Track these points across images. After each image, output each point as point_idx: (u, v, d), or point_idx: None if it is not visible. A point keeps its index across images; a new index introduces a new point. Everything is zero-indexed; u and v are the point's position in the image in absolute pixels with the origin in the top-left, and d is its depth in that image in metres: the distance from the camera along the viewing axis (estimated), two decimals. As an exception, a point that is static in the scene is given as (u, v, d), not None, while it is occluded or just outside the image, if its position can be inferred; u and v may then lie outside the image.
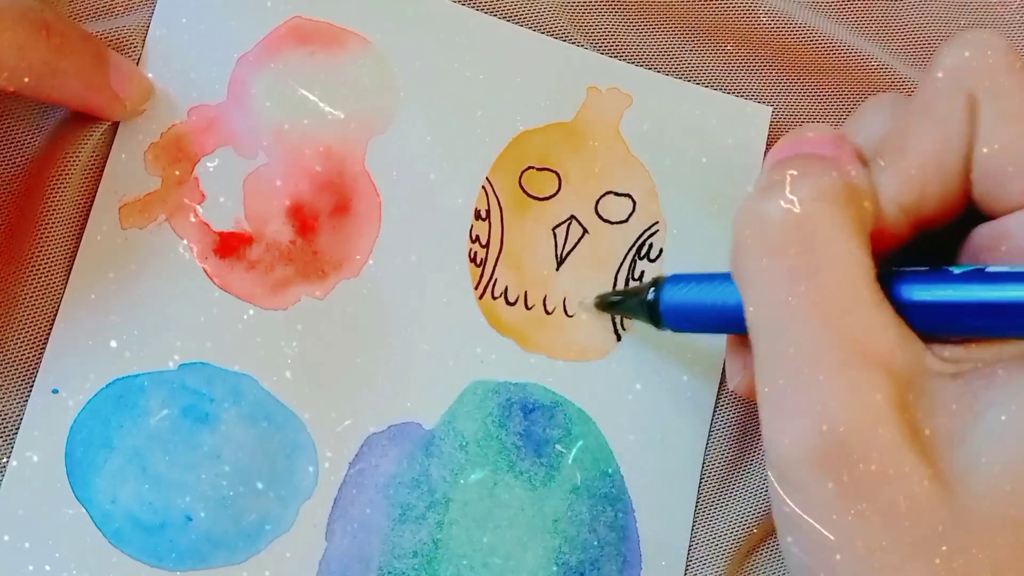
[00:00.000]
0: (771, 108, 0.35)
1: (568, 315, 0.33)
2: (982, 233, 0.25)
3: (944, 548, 0.22)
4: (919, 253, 0.25)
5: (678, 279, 0.29)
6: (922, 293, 0.24)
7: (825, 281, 0.23)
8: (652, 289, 0.30)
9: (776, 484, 0.23)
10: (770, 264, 0.23)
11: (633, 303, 0.31)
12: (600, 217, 0.33)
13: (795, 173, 0.24)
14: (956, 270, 0.24)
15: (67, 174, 0.30)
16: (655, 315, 0.30)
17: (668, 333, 0.30)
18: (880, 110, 0.27)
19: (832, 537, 0.22)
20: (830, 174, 0.24)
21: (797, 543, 0.23)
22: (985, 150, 0.24)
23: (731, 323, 0.27)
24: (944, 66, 0.24)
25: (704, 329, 0.30)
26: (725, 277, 0.27)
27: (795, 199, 0.23)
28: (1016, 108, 0.24)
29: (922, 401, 0.23)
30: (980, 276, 0.23)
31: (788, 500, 0.23)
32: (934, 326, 0.24)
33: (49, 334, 0.30)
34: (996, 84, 0.24)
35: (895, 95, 0.27)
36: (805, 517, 0.23)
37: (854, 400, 0.22)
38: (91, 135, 0.31)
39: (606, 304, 0.32)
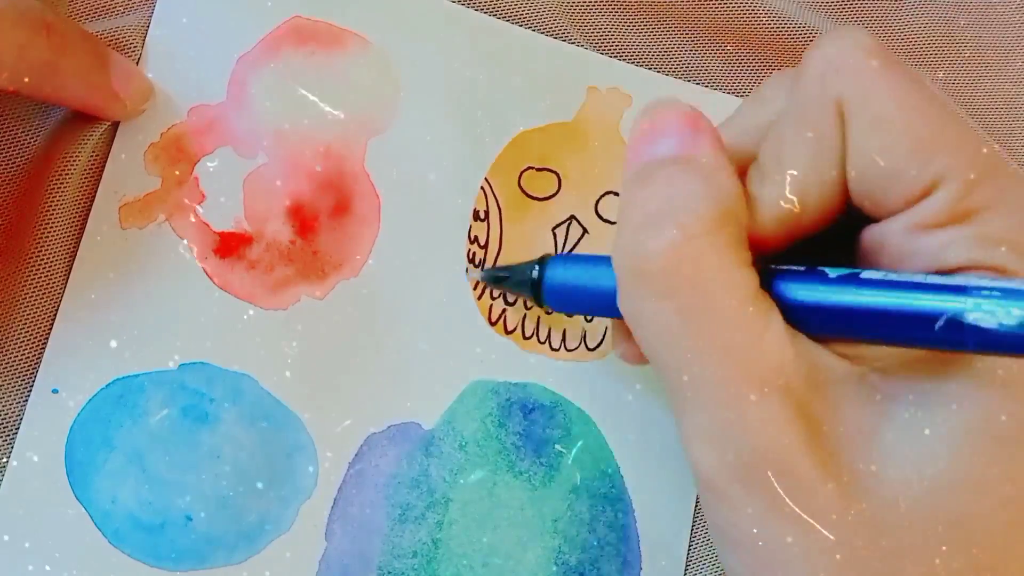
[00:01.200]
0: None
1: (568, 315, 0.33)
2: (867, 236, 0.24)
3: (860, 554, 0.22)
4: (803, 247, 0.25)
5: (563, 259, 0.29)
6: (801, 293, 0.23)
7: (715, 315, 0.23)
8: (536, 267, 0.29)
9: (702, 492, 0.24)
10: (658, 307, 0.23)
11: (518, 280, 0.30)
12: (600, 217, 0.33)
13: (666, 201, 0.23)
14: (832, 273, 0.23)
15: (67, 174, 0.30)
16: (537, 293, 0.30)
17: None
18: (778, 90, 0.26)
19: (761, 545, 0.23)
20: (701, 202, 0.23)
21: (730, 551, 0.24)
22: (858, 160, 0.23)
23: (611, 310, 0.27)
24: (810, 69, 0.24)
25: (584, 312, 0.30)
26: (608, 261, 0.27)
27: (672, 240, 0.23)
28: (885, 112, 0.23)
29: (825, 403, 0.23)
30: (854, 281, 0.23)
31: (715, 507, 0.24)
32: (818, 327, 0.23)
33: (49, 334, 0.30)
34: (863, 88, 0.23)
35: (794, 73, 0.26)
36: (735, 526, 0.23)
37: (756, 420, 0.22)
38: (91, 135, 0.31)
39: (492, 279, 0.32)
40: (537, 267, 0.30)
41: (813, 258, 0.24)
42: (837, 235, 0.25)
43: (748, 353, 0.23)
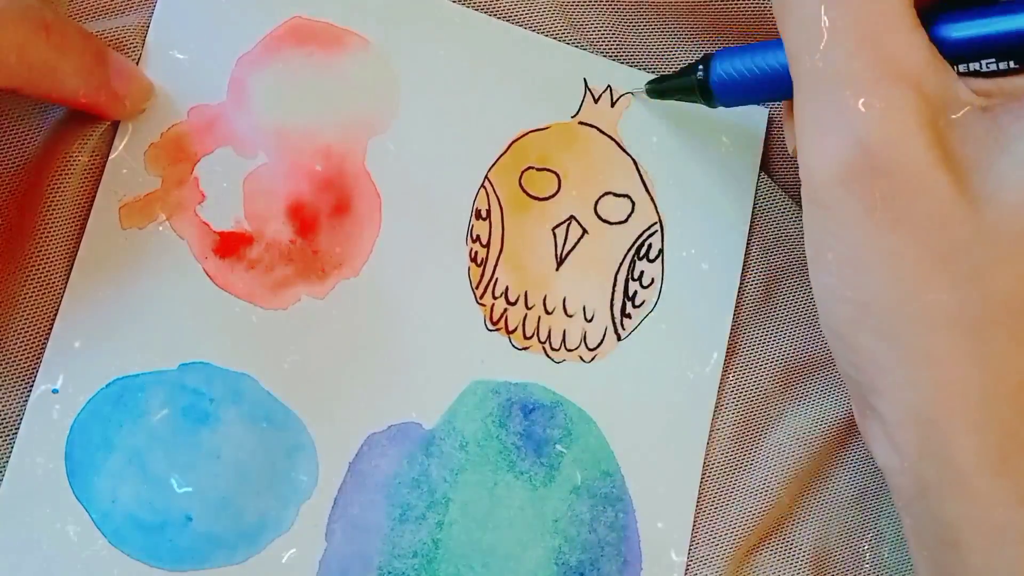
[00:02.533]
0: (768, 108, 0.35)
1: (568, 315, 0.33)
2: None
3: (968, 260, 0.23)
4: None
5: (724, 53, 0.30)
6: (957, 30, 0.24)
7: (867, 4, 0.23)
8: (700, 67, 0.30)
9: (809, 207, 0.24)
10: None
11: (684, 82, 0.31)
12: (599, 217, 0.34)
13: None
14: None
15: (67, 174, 0.30)
16: (707, 92, 0.30)
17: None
18: None
19: (863, 252, 0.23)
20: None
21: (827, 267, 0.24)
22: None
23: (782, 86, 0.28)
24: None
25: (756, 98, 0.30)
26: (769, 44, 0.28)
27: None
28: None
29: (951, 128, 0.23)
30: (1011, 6, 0.24)
31: (820, 220, 0.24)
32: (965, 53, 0.24)
33: (49, 334, 0.30)
34: None
35: None
36: (836, 234, 0.24)
37: (886, 116, 0.23)
38: (91, 135, 0.31)
39: (657, 90, 0.33)
40: (701, 68, 0.30)
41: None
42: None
43: (890, 49, 0.23)
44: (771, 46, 0.29)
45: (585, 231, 0.33)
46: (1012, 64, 0.24)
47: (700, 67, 0.30)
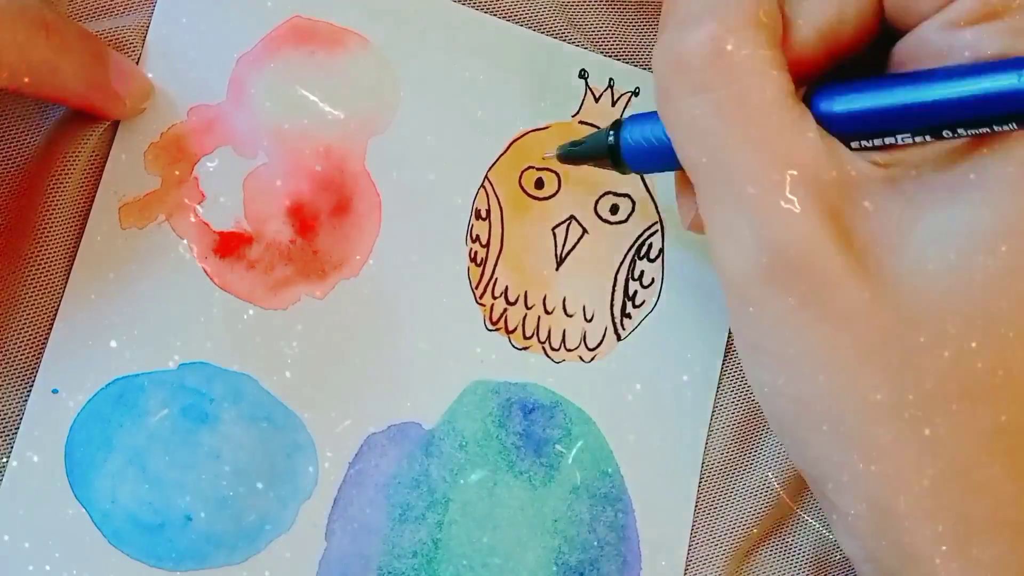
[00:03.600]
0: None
1: (568, 315, 0.33)
2: (900, 48, 0.25)
3: (897, 348, 0.23)
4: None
5: (635, 119, 0.29)
6: (837, 98, 0.24)
7: (749, 108, 0.23)
8: (611, 132, 0.29)
9: (731, 302, 0.24)
10: (697, 101, 0.24)
11: (593, 148, 0.30)
12: (599, 217, 0.34)
13: (703, 5, 0.24)
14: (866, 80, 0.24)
15: (67, 174, 0.30)
16: (617, 159, 0.29)
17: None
18: None
19: (792, 349, 0.23)
20: (740, 2, 0.24)
21: (758, 362, 0.24)
22: None
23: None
24: None
25: (664, 166, 0.29)
26: None
27: (712, 33, 0.24)
28: None
29: (856, 208, 0.23)
30: (891, 78, 0.24)
31: (744, 316, 0.24)
32: (853, 125, 0.24)
33: (49, 334, 0.30)
34: None
35: None
36: (762, 331, 0.24)
37: (788, 214, 0.23)
38: (91, 135, 0.31)
39: (566, 154, 0.31)
40: (612, 133, 0.29)
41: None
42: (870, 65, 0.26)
43: (781, 147, 0.23)
44: None
45: (585, 231, 0.33)
46: (909, 138, 0.24)
47: (610, 133, 0.29)
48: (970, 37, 0.23)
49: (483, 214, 0.33)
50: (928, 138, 0.23)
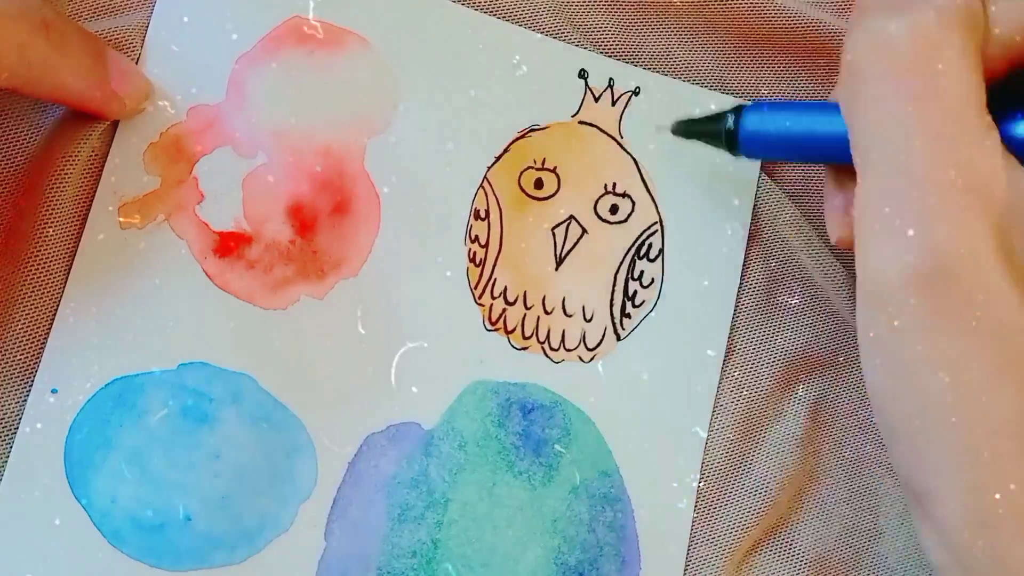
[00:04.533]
0: (770, 108, 0.35)
1: (568, 315, 0.33)
2: None
3: None
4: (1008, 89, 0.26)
5: (757, 108, 0.30)
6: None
7: (946, 106, 0.23)
8: (731, 116, 0.30)
9: (868, 305, 0.24)
10: (893, 87, 0.23)
11: (711, 128, 0.31)
12: (599, 217, 0.33)
13: None
14: None
15: (67, 174, 0.30)
16: (733, 143, 0.30)
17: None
18: None
19: (925, 356, 0.23)
20: None
21: (884, 366, 0.24)
22: None
23: (813, 151, 0.28)
24: None
25: (783, 157, 0.30)
26: (806, 107, 0.29)
27: (925, 21, 0.23)
28: None
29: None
30: None
31: (880, 320, 0.24)
32: None
33: (48, 334, 0.30)
34: None
35: None
36: (898, 337, 0.23)
37: (960, 225, 0.23)
38: (90, 135, 0.31)
39: (683, 131, 0.32)
40: (732, 117, 0.30)
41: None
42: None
43: (966, 154, 0.23)
44: (808, 109, 0.29)
45: (585, 231, 0.33)
46: None
47: (731, 116, 0.30)
48: None
49: (482, 214, 0.33)
50: None
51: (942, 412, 0.23)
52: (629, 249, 0.34)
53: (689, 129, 0.32)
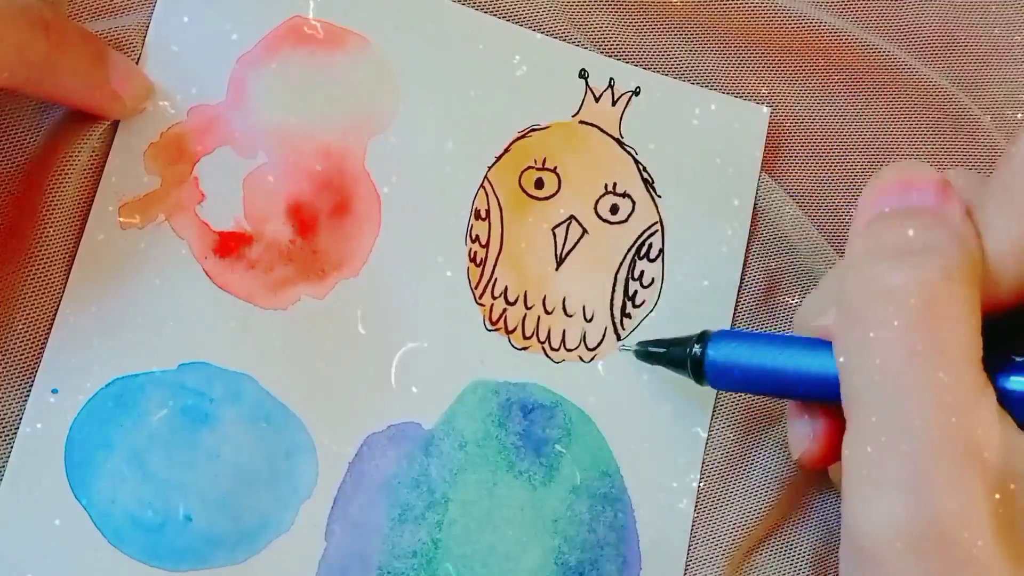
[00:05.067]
0: (769, 109, 0.35)
1: (568, 315, 0.33)
2: None
3: None
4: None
5: (726, 336, 0.29)
6: (1017, 381, 0.24)
7: (949, 363, 0.22)
8: (697, 345, 0.29)
9: (853, 556, 0.23)
10: (891, 338, 0.23)
11: (675, 354, 0.30)
12: (599, 217, 0.33)
13: (919, 243, 0.24)
14: None
15: (67, 174, 0.30)
16: (698, 371, 0.29)
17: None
18: (969, 174, 0.27)
19: None
20: (959, 249, 0.23)
21: None
22: None
23: (785, 387, 0.27)
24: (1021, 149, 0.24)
25: (751, 390, 0.29)
26: (777, 339, 0.28)
27: (931, 277, 0.23)
28: None
29: (1018, 496, 0.23)
30: None
31: (865, 573, 0.23)
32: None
33: (49, 334, 0.30)
34: None
35: (968, 173, 0.27)
36: None
37: (955, 490, 0.22)
38: (91, 135, 0.31)
39: (645, 353, 0.32)
40: (698, 345, 0.29)
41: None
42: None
43: (963, 413, 0.22)
44: (779, 343, 0.28)
45: (585, 231, 0.33)
46: None
47: (696, 345, 0.29)
48: None
49: (483, 214, 0.33)
50: None
51: None
52: (629, 249, 0.34)
53: (651, 353, 0.31)
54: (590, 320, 0.33)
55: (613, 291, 0.33)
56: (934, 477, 0.22)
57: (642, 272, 0.34)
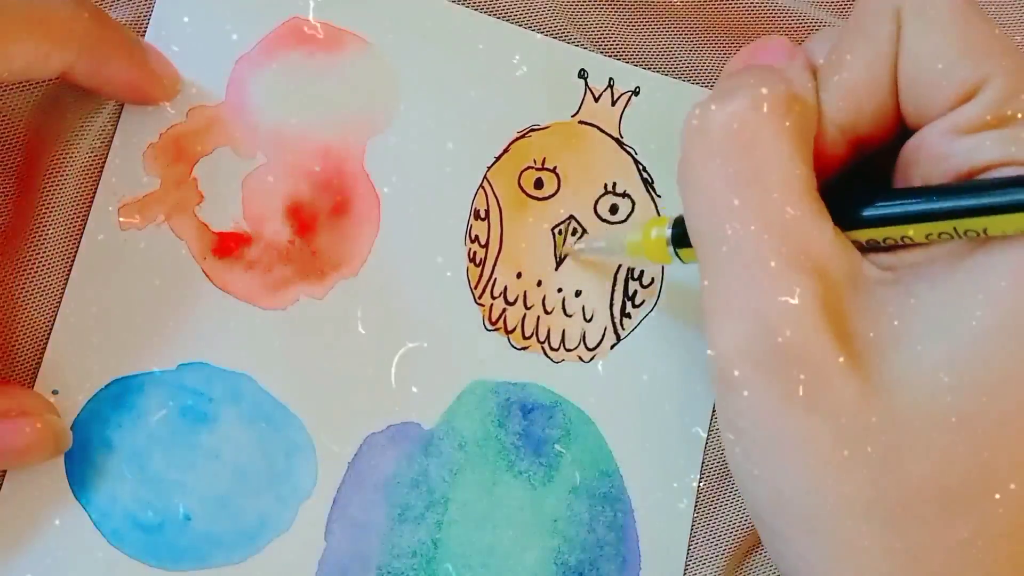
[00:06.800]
0: (771, 108, 0.35)
1: (568, 315, 0.33)
2: (908, 148, 0.25)
3: (881, 446, 0.22)
4: (858, 176, 0.26)
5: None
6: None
7: (766, 187, 0.23)
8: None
9: (721, 387, 0.24)
10: (713, 169, 0.24)
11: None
12: (599, 217, 0.33)
13: (744, 82, 0.25)
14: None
15: (66, 174, 0.30)
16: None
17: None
18: (831, 36, 0.27)
19: (771, 437, 0.23)
20: (776, 85, 0.24)
21: (741, 451, 0.24)
22: (908, 63, 0.24)
23: None
24: None
25: None
26: None
27: (740, 107, 0.24)
28: (938, 18, 0.24)
29: (860, 306, 0.23)
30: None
31: (732, 401, 0.24)
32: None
33: (49, 334, 0.30)
34: None
35: (836, 30, 0.28)
36: (746, 418, 0.23)
37: (792, 303, 0.23)
38: (90, 135, 0.31)
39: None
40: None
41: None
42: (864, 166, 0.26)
43: (795, 236, 0.23)
44: None
45: (585, 231, 0.33)
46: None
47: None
48: (968, 145, 0.23)
49: (482, 214, 0.33)
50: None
51: (798, 496, 0.23)
52: (629, 249, 0.34)
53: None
54: (590, 320, 0.33)
55: (613, 291, 0.33)
56: (766, 298, 0.23)
57: (642, 272, 0.33)
